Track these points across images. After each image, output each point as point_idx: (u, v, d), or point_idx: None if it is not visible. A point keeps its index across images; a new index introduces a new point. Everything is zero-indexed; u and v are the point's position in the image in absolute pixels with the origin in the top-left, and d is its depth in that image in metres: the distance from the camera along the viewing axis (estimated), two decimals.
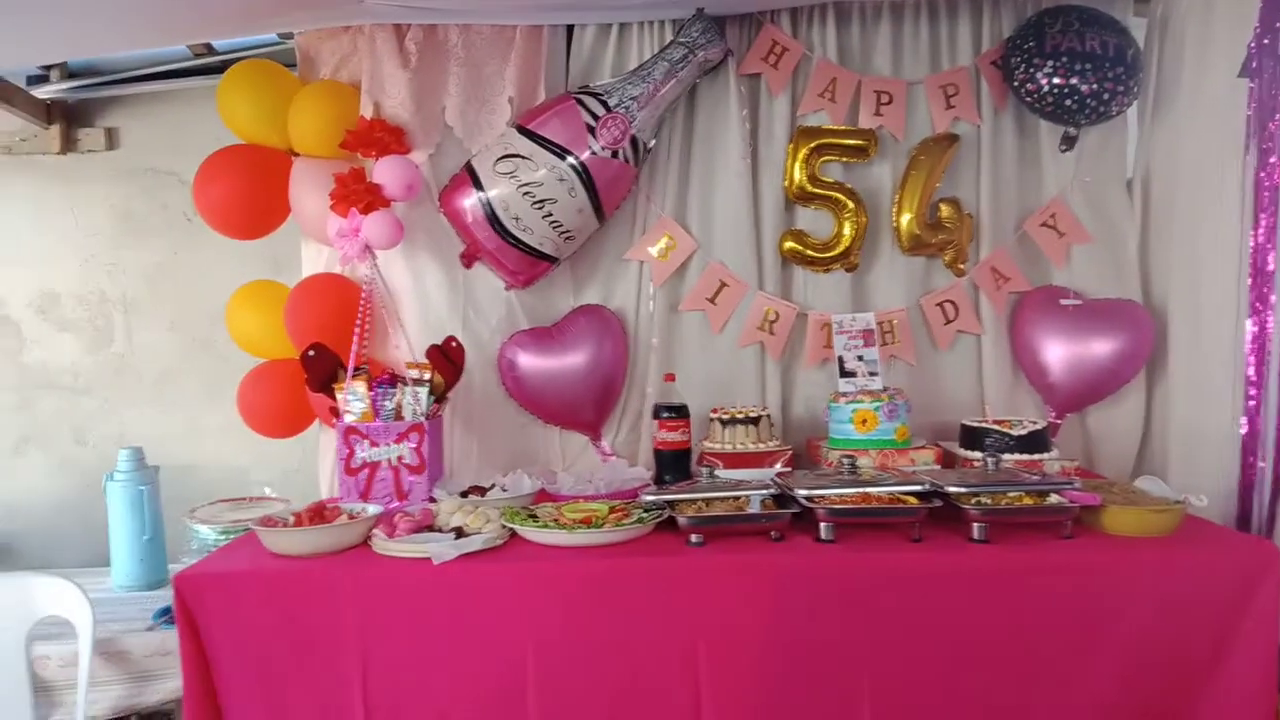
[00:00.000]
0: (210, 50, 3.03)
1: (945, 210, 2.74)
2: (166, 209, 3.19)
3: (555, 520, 2.07)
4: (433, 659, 1.93)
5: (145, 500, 2.70)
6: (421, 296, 2.73)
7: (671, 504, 2.12)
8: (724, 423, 2.52)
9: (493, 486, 2.44)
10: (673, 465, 2.49)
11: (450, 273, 2.73)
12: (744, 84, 2.73)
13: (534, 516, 2.12)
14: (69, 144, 3.18)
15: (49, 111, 3.15)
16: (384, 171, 2.51)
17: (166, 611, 2.46)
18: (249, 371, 2.73)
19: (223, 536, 2.59)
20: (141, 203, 3.20)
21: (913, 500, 2.05)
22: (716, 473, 2.28)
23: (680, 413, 2.50)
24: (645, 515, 2.09)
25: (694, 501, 2.12)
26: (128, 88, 3.11)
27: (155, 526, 2.73)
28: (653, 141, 2.65)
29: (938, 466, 2.44)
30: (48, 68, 3.08)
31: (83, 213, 3.20)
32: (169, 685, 2.38)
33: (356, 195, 2.45)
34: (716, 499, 2.12)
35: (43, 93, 3.09)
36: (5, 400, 3.22)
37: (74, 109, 3.19)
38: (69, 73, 3.11)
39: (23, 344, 3.21)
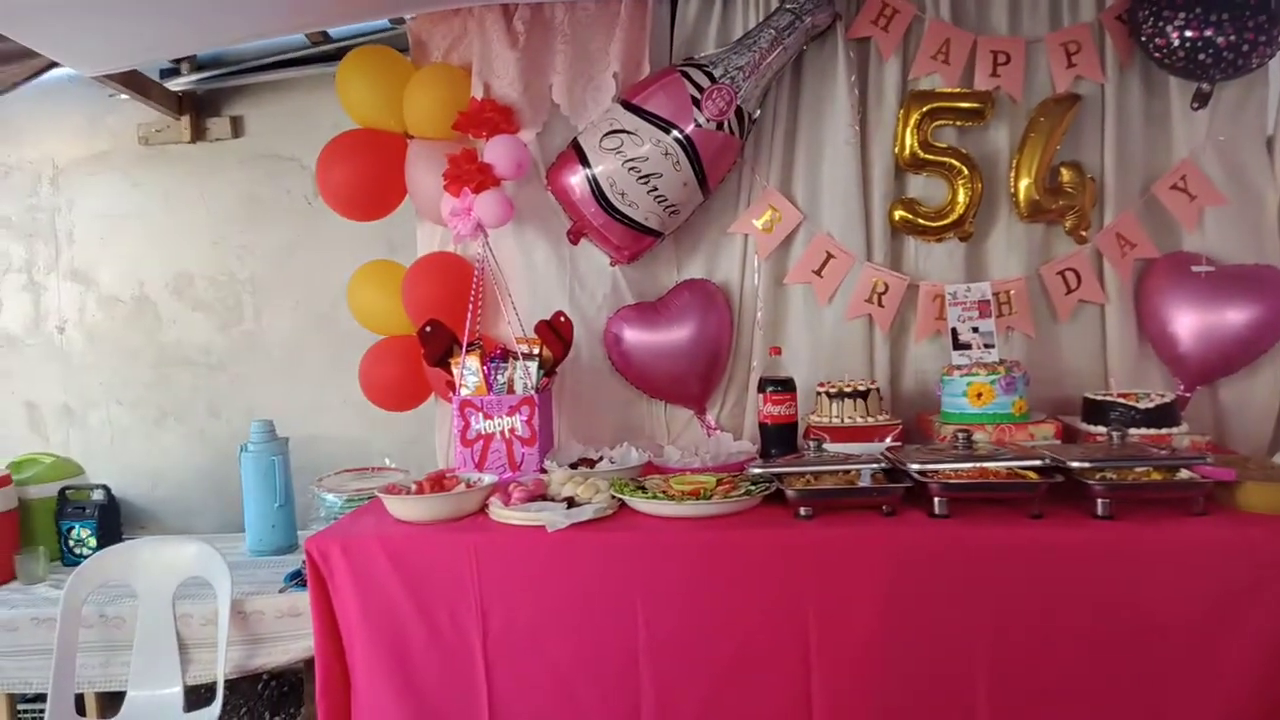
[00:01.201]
0: (326, 38, 3.14)
1: (1066, 174, 2.62)
2: (289, 193, 3.34)
3: (664, 492, 2.10)
4: (548, 622, 1.99)
5: (276, 470, 2.86)
6: (530, 273, 2.79)
7: (779, 477, 2.11)
8: (831, 396, 2.49)
9: (600, 459, 2.49)
10: (778, 439, 2.48)
11: (557, 249, 2.78)
12: (852, 49, 2.67)
13: (642, 488, 2.15)
14: (199, 133, 3.36)
15: (180, 103, 3.33)
16: (494, 151, 2.57)
17: (297, 575, 2.60)
18: (369, 348, 2.85)
19: (348, 504, 2.72)
20: (266, 188, 3.36)
21: (1032, 476, 1.99)
22: (824, 446, 2.26)
23: (786, 386, 2.48)
24: (753, 488, 2.09)
25: (802, 475, 2.11)
26: (250, 77, 3.26)
27: (285, 494, 2.89)
28: (758, 112, 2.62)
29: (1058, 441, 2.35)
30: (178, 61, 3.26)
31: (213, 198, 3.39)
32: (297, 645, 2.52)
33: (469, 175, 2.52)
34: (825, 472, 2.10)
35: (175, 85, 3.27)
36: (146, 376, 3.44)
37: (202, 99, 3.36)
38: (197, 65, 3.29)
39: (160, 323, 3.43)
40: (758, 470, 2.18)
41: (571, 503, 2.10)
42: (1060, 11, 2.65)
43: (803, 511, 2.01)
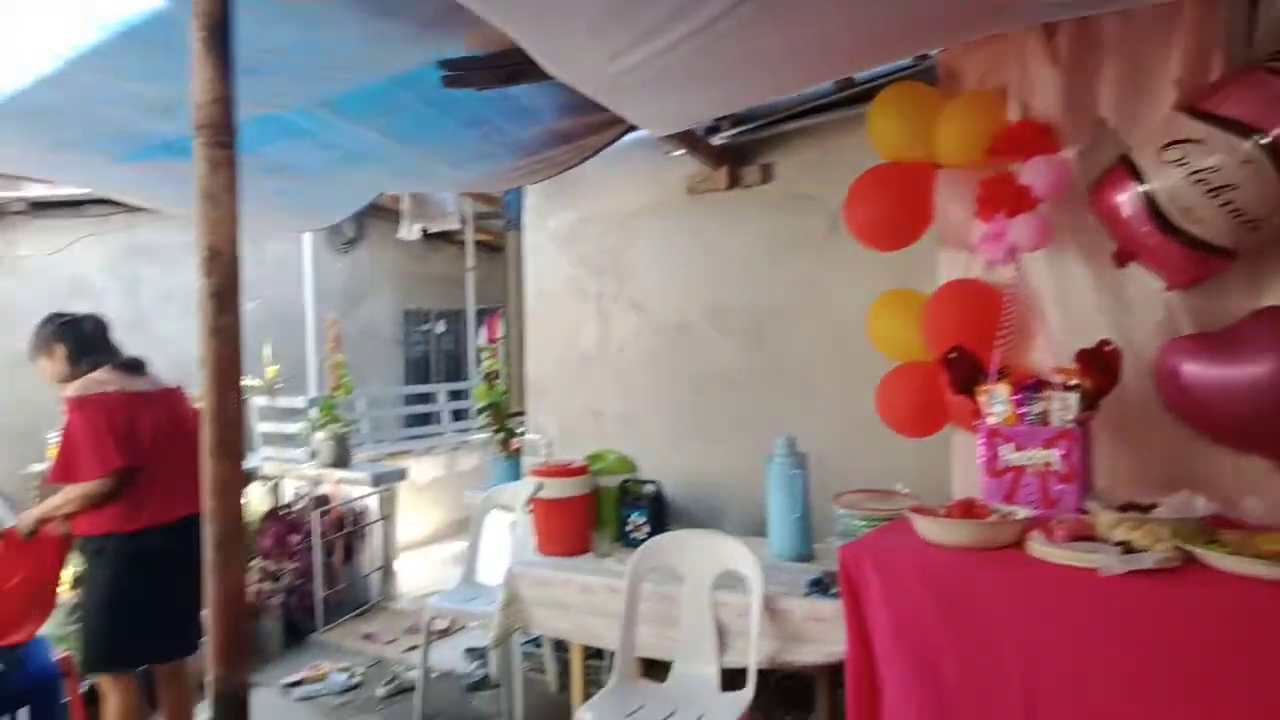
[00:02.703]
0: (851, 83, 3.34)
1: None
2: (809, 230, 3.60)
3: (1252, 550, 1.82)
4: (1093, 671, 1.86)
5: (797, 483, 3.09)
6: (1063, 298, 2.64)
7: None
8: None
9: (1153, 505, 2.24)
10: None
11: (1098, 273, 2.58)
12: None
13: (1217, 542, 1.89)
14: (734, 180, 3.79)
15: (719, 155, 3.79)
16: (1032, 172, 2.49)
17: (817, 583, 2.78)
18: (887, 372, 2.94)
19: (864, 522, 2.82)
20: (789, 226, 3.66)
21: None
22: None
23: None
24: None
25: None
26: (779, 127, 3.59)
27: (804, 506, 3.10)
28: None
29: None
30: (720, 119, 3.72)
31: (743, 238, 3.79)
32: (819, 648, 2.68)
33: (1004, 199, 2.48)
34: None
35: (717, 140, 3.74)
36: (684, 393, 3.96)
37: (738, 151, 3.79)
38: (735, 120, 3.72)
39: (698, 347, 3.92)
40: None
41: (1127, 548, 1.93)
42: None
43: None
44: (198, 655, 3.01)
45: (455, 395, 8.80)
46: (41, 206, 6.17)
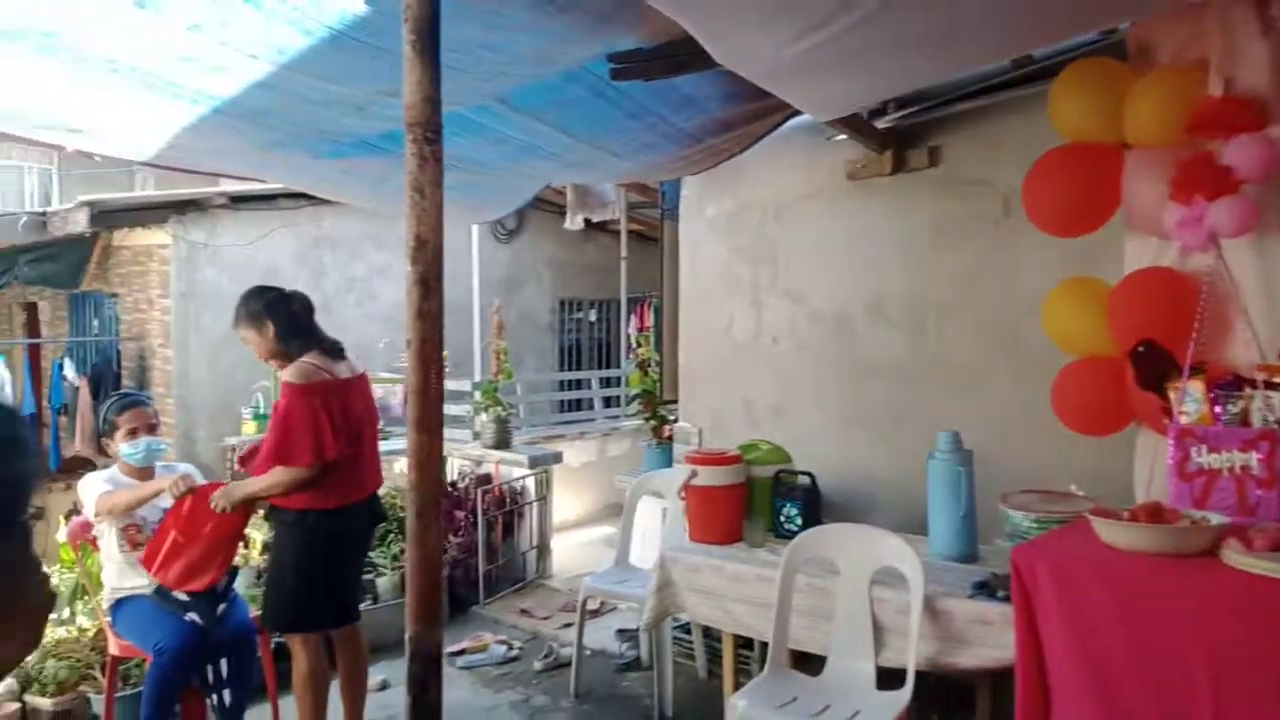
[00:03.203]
0: (1030, 60, 3.17)
1: None
2: (979, 216, 3.46)
3: None
4: None
5: (962, 480, 2.98)
6: (1268, 289, 2.41)
7: None
8: None
9: None
10: None
11: None
12: None
13: None
14: (899, 165, 3.68)
15: (884, 138, 3.69)
16: (1236, 152, 2.29)
17: (983, 585, 2.67)
18: (1065, 367, 2.78)
19: (1035, 525, 2.69)
20: (956, 212, 3.53)
21: None
22: None
23: None
24: None
25: None
26: (951, 108, 3.46)
27: (969, 505, 2.99)
28: None
29: None
30: (885, 101, 3.61)
31: (907, 224, 3.68)
32: (982, 652, 2.58)
33: (1203, 181, 2.29)
34: None
35: (882, 123, 3.64)
36: (841, 385, 3.90)
37: (904, 134, 3.68)
38: (901, 103, 3.61)
39: (856, 338, 3.85)
40: None
41: None
42: None
43: None
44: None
45: (606, 382, 9.00)
46: (239, 200, 6.76)
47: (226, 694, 3.16)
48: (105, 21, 1.73)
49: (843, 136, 3.63)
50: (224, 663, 3.16)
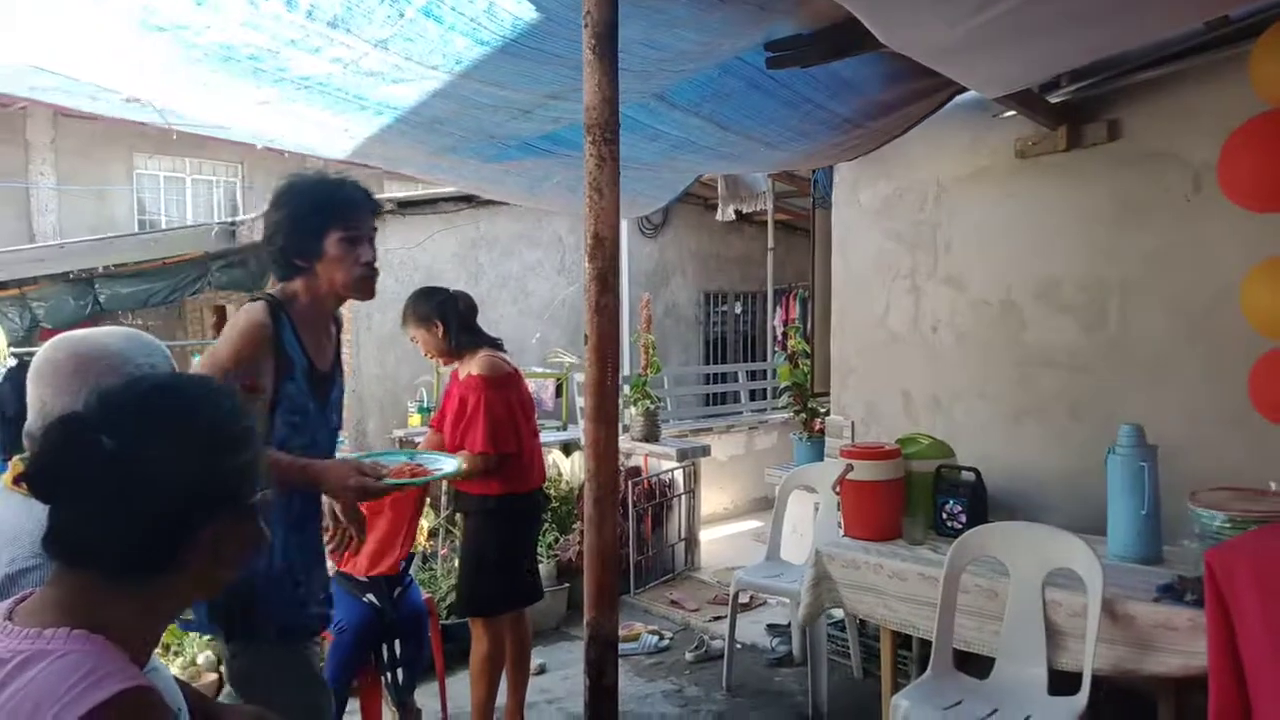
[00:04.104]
0: (1225, 20, 2.91)
1: None
2: (1167, 192, 3.21)
3: None
4: None
5: (1145, 477, 2.78)
6: None
7: None
8: None
9: None
10: None
11: None
12: None
13: None
14: (1074, 141, 3.46)
15: (1058, 113, 3.48)
16: None
17: (1169, 589, 2.49)
18: (1264, 355, 2.55)
19: (1229, 525, 2.48)
20: (1140, 189, 3.29)
21: None
22: None
23: None
24: None
25: None
26: (1132, 78, 3.22)
27: (1152, 503, 2.79)
28: None
29: None
30: (1059, 74, 3.40)
31: (1083, 203, 3.46)
32: (1169, 659, 2.42)
33: None
34: None
35: (1055, 97, 3.43)
36: (1007, 375, 3.71)
37: (1079, 107, 3.46)
38: (1075, 75, 3.39)
39: (1024, 326, 3.66)
40: None
41: None
42: None
43: None
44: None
45: (752, 375, 8.94)
46: (405, 205, 7.15)
47: (400, 672, 3.36)
48: (305, 43, 1.87)
49: (1011, 113, 3.45)
50: (398, 643, 3.35)
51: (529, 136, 2.76)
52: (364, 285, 2.09)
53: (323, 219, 1.99)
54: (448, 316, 3.23)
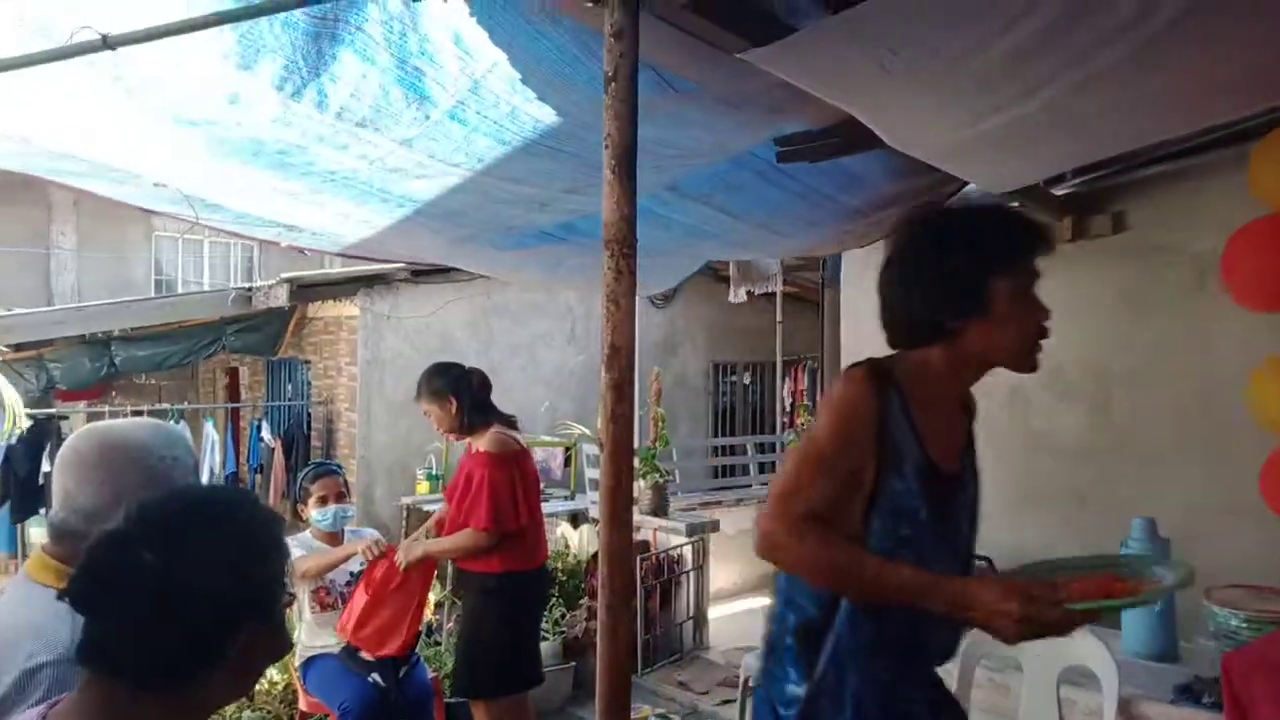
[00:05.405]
0: (1227, 123, 2.97)
1: None
2: (1170, 286, 3.25)
3: None
4: None
5: None
6: None
7: None
8: None
9: None
10: None
11: None
12: None
13: None
14: (1079, 232, 3.52)
15: (1062, 205, 3.55)
16: None
17: (1186, 690, 2.45)
18: (1277, 450, 2.55)
19: (1245, 625, 2.45)
20: (1145, 281, 3.33)
21: None
22: None
23: None
24: None
25: None
26: (1137, 173, 3.29)
27: (1168, 600, 2.75)
28: None
29: None
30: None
31: (1088, 293, 3.50)
32: None
33: None
34: None
35: (1060, 189, 3.50)
36: (1014, 461, 3.70)
37: (1083, 200, 3.53)
38: (1080, 169, 3.46)
39: (1030, 412, 3.66)
40: None
41: None
42: None
43: None
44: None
45: (761, 448, 8.90)
46: (419, 274, 7.25)
47: None
48: (333, 140, 1.94)
49: (1015, 204, 3.51)
50: None
51: (545, 226, 2.83)
52: (1035, 353, 1.56)
53: (989, 263, 1.45)
54: (461, 394, 3.27)
